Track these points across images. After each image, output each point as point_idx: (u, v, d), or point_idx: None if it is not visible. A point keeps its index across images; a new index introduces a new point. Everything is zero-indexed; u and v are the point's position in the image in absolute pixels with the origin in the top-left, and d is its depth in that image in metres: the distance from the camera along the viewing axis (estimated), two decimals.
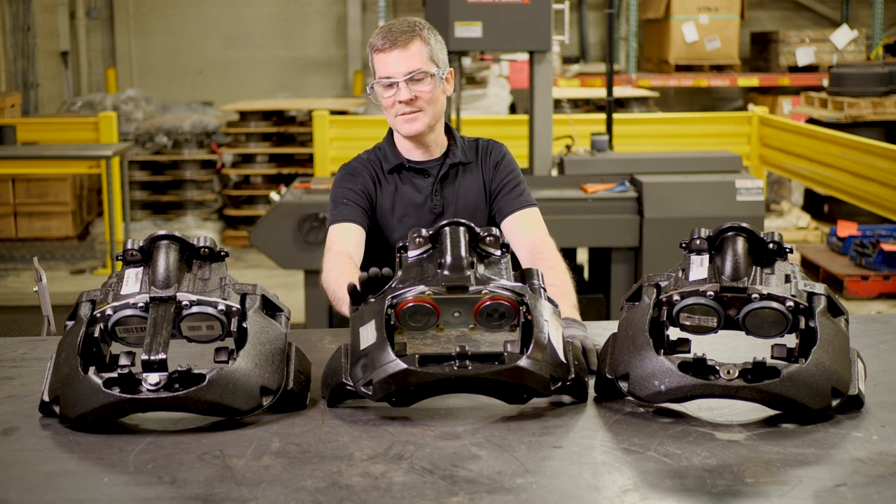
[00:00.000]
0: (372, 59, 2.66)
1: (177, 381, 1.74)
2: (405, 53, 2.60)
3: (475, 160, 2.79)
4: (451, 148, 2.78)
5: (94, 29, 12.05)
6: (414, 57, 2.61)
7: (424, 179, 2.76)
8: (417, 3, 11.36)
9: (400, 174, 2.77)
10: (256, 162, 8.93)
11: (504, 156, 2.80)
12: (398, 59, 2.60)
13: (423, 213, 2.74)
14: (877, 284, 6.61)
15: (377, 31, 2.66)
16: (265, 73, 12.11)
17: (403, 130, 2.68)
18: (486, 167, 2.78)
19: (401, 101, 2.62)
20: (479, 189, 2.77)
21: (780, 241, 1.91)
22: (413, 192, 2.75)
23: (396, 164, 2.76)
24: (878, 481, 1.54)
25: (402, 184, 2.76)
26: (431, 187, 2.75)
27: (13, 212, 8.19)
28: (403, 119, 2.66)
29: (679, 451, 1.65)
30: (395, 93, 2.62)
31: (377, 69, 2.64)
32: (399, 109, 2.64)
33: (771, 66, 11.02)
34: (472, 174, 2.78)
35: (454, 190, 2.76)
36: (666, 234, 5.10)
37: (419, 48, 2.61)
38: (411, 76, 2.60)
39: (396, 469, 1.59)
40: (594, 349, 2.06)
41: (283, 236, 5.09)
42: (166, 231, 1.90)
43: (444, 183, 2.76)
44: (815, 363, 1.77)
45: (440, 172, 2.75)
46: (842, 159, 6.57)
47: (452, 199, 2.75)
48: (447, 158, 2.76)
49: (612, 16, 6.10)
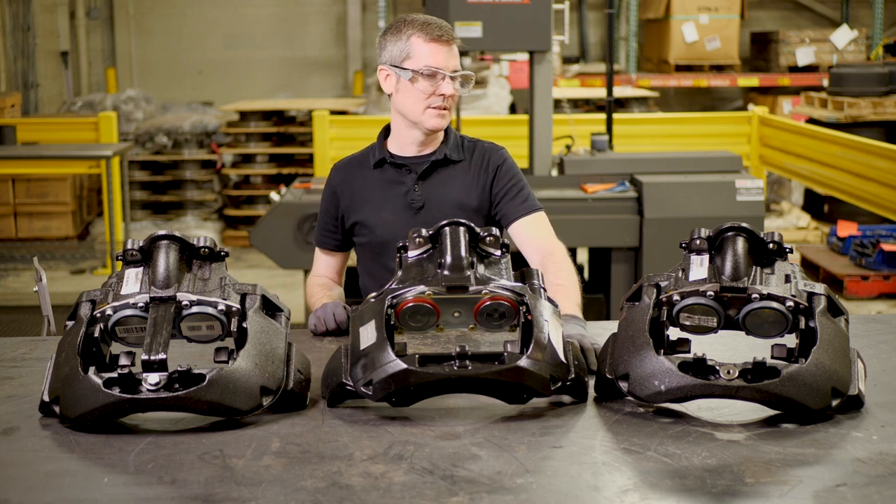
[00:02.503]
0: (409, 46, 2.66)
1: (177, 381, 1.74)
2: (454, 51, 2.68)
3: (468, 160, 2.79)
4: (441, 145, 2.79)
5: (94, 29, 12.05)
6: (457, 56, 2.69)
7: (406, 175, 2.77)
8: (417, 3, 11.35)
9: (382, 169, 2.79)
10: (256, 162, 8.93)
11: (504, 160, 2.80)
12: (450, 54, 2.67)
13: (402, 209, 2.75)
14: (877, 284, 6.61)
15: (419, 21, 2.68)
16: (265, 73, 12.11)
17: (430, 124, 2.70)
18: (482, 170, 2.78)
19: (442, 94, 2.66)
20: (466, 189, 2.77)
21: (780, 241, 1.91)
22: (395, 187, 2.77)
23: (379, 158, 2.79)
24: (878, 481, 1.54)
25: (384, 179, 2.78)
26: (413, 182, 2.76)
27: (13, 212, 8.19)
28: (435, 112, 2.69)
29: (679, 451, 1.65)
30: (440, 85, 2.65)
31: (421, 57, 2.65)
32: (434, 102, 2.67)
33: (771, 66, 11.02)
34: (461, 172, 2.78)
35: (437, 186, 2.76)
36: (666, 234, 5.10)
37: (457, 51, 2.70)
38: (455, 73, 2.67)
39: (396, 469, 1.59)
40: (592, 348, 2.06)
41: (283, 236, 5.09)
42: (166, 231, 1.91)
43: (427, 179, 2.77)
44: (815, 363, 1.77)
45: (423, 168, 2.77)
46: (842, 159, 6.57)
47: (434, 195, 2.75)
48: (433, 155, 2.78)
49: (612, 16, 6.10)
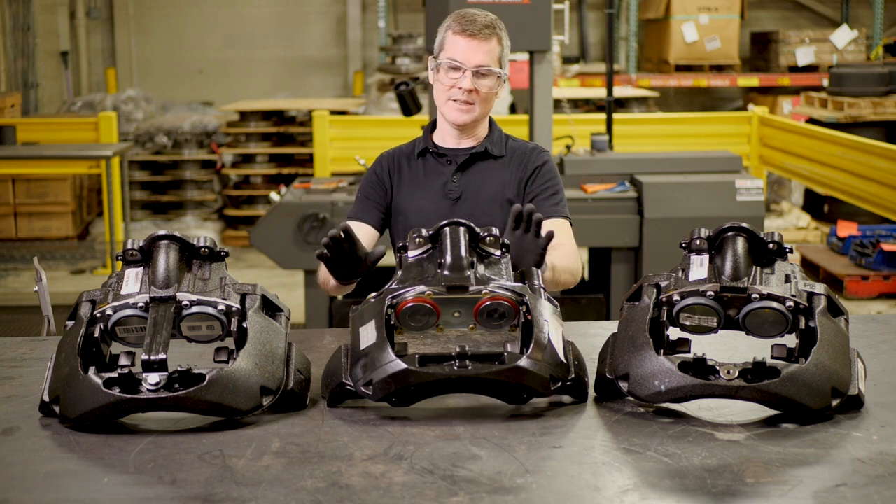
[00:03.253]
0: (444, 37, 2.69)
1: (177, 381, 1.74)
2: (482, 46, 2.66)
3: (509, 157, 2.81)
4: (484, 140, 2.81)
5: (94, 29, 12.04)
6: (488, 53, 2.67)
7: (447, 165, 2.81)
8: (417, 3, 11.35)
9: (425, 158, 2.83)
10: (256, 162, 8.93)
11: (546, 162, 2.81)
12: (474, 48, 2.66)
13: (440, 198, 2.78)
14: (877, 284, 6.61)
15: (460, 14, 2.69)
16: (265, 73, 12.10)
17: (451, 117, 2.73)
18: (521, 167, 2.79)
19: (461, 88, 2.67)
20: (503, 184, 2.79)
21: (780, 241, 1.91)
22: (434, 177, 2.80)
23: (423, 148, 2.83)
24: (878, 481, 1.54)
25: (426, 168, 2.82)
26: (452, 173, 2.79)
27: (13, 212, 8.19)
28: (455, 105, 2.70)
29: (679, 451, 1.65)
30: (459, 79, 2.67)
31: (448, 49, 2.68)
32: (454, 95, 2.69)
33: (771, 66, 11.01)
34: (500, 168, 2.80)
35: (475, 178, 2.79)
36: (666, 234, 5.10)
37: (494, 47, 2.68)
38: (478, 70, 2.66)
39: (396, 469, 1.59)
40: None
41: (283, 236, 5.10)
42: (166, 231, 1.91)
43: (466, 171, 2.79)
44: (815, 363, 1.77)
45: (463, 160, 2.79)
46: (842, 159, 6.57)
47: (472, 187, 2.78)
48: (474, 148, 2.80)
49: (612, 16, 6.10)
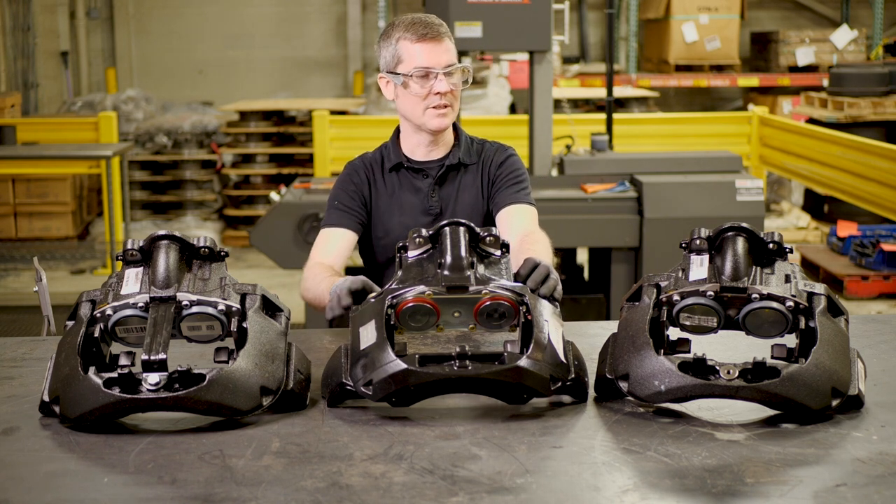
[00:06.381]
0: (398, 49, 2.62)
1: (177, 381, 1.74)
2: (442, 46, 2.61)
3: (477, 161, 2.76)
4: (454, 148, 2.75)
5: (94, 29, 12.04)
6: (449, 51, 2.63)
7: (423, 180, 2.74)
8: (417, 3, 11.34)
9: (399, 173, 2.75)
10: (256, 162, 8.93)
11: (509, 157, 2.77)
12: (438, 50, 2.61)
13: (420, 214, 2.72)
14: (877, 284, 6.61)
15: (405, 22, 2.63)
16: (265, 73, 12.10)
17: (434, 125, 2.65)
18: (487, 169, 2.75)
19: (437, 93, 2.60)
20: (477, 191, 2.75)
21: (780, 241, 1.91)
22: (411, 193, 2.74)
23: (396, 162, 2.75)
24: (878, 481, 1.54)
25: (401, 184, 2.75)
26: (429, 188, 2.73)
27: (13, 212, 8.19)
28: (436, 112, 2.63)
29: (679, 451, 1.65)
30: (433, 84, 2.60)
31: (410, 59, 2.60)
32: (433, 102, 2.62)
33: (771, 66, 11.01)
34: (471, 175, 2.75)
35: (452, 191, 2.74)
36: (666, 234, 5.10)
37: (450, 44, 2.64)
38: (449, 69, 2.61)
39: (396, 469, 1.59)
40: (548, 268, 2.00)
41: (283, 236, 5.09)
42: (166, 231, 1.91)
43: (443, 184, 2.74)
44: (815, 363, 1.77)
45: (438, 173, 2.73)
46: (842, 159, 6.57)
47: (450, 200, 2.73)
48: (447, 159, 2.74)
49: (612, 16, 6.10)
